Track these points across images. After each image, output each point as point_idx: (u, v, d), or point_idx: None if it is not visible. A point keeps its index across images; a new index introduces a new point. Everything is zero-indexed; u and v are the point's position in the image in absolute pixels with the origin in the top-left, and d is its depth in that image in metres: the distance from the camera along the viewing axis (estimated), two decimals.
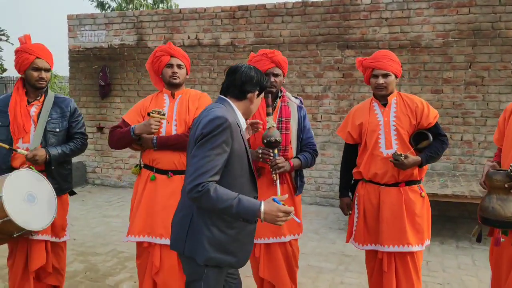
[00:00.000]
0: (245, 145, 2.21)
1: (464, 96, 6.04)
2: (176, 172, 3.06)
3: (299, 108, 3.18)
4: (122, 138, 3.10)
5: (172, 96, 3.18)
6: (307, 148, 3.17)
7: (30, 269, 3.11)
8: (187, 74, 3.21)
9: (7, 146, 3.01)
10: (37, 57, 3.06)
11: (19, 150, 2.99)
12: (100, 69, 7.73)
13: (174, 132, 3.08)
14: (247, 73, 2.24)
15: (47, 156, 3.03)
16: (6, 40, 9.29)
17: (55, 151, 3.07)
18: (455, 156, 6.11)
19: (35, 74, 3.07)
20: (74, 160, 7.85)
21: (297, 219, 2.24)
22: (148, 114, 3.02)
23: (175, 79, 3.10)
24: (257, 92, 2.28)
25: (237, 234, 2.17)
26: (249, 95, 2.26)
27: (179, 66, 3.12)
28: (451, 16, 6.00)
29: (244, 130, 2.28)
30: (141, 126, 3.01)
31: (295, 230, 3.15)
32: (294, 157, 3.09)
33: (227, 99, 2.26)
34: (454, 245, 4.98)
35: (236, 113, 2.24)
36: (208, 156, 2.02)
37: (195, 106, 3.14)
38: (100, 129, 7.87)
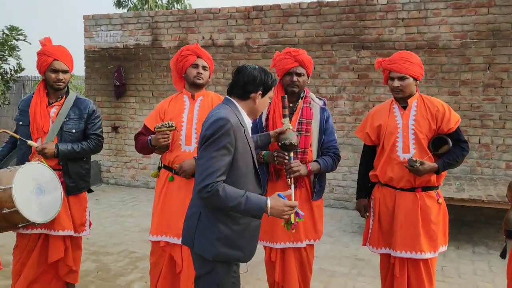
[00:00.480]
0: (249, 145, 2.25)
1: (482, 98, 5.92)
2: (194, 175, 3.03)
3: (322, 109, 3.09)
4: (144, 148, 3.16)
5: (193, 97, 3.15)
6: (328, 152, 3.06)
7: (48, 261, 3.24)
8: (209, 76, 3.19)
9: (17, 136, 3.14)
10: (55, 59, 3.14)
11: (28, 142, 3.10)
12: (115, 69, 7.78)
13: (194, 135, 3.05)
14: (250, 73, 2.26)
15: (56, 151, 3.11)
16: (24, 40, 9.40)
17: (64, 147, 3.16)
18: (472, 160, 5.99)
19: (53, 75, 3.15)
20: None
21: (300, 212, 2.31)
22: (155, 129, 3.00)
23: (199, 79, 3.09)
24: (260, 93, 2.29)
25: (243, 230, 2.23)
26: (252, 95, 2.28)
27: (204, 68, 3.11)
28: (469, 16, 5.89)
29: (249, 130, 2.32)
30: (154, 139, 3.02)
31: (312, 236, 3.08)
32: (313, 161, 3.01)
33: (232, 99, 2.30)
34: (470, 250, 4.88)
35: (240, 113, 2.27)
36: (214, 157, 2.09)
37: None
38: (115, 128, 7.92)
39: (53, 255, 3.23)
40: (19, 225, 2.93)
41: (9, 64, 9.36)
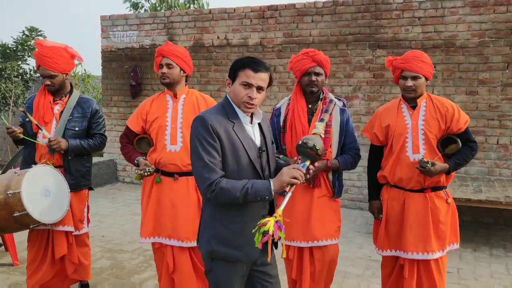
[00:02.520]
0: (240, 140, 2.15)
1: (501, 98, 5.81)
2: (182, 174, 3.07)
3: (342, 110, 3.05)
4: (129, 161, 3.18)
5: (175, 96, 3.13)
6: (349, 151, 3.06)
7: (55, 256, 3.32)
8: (184, 72, 3.11)
9: (34, 120, 3.22)
10: (40, 65, 3.21)
11: (43, 131, 3.18)
12: (131, 69, 7.85)
13: (179, 135, 3.05)
14: None
15: (67, 144, 3.20)
16: None
17: (73, 141, 3.24)
18: (490, 160, 5.89)
19: (44, 80, 3.24)
20: (105, 158, 8.03)
21: (300, 167, 2.12)
22: (136, 173, 3.02)
23: (164, 79, 3.06)
24: (228, 79, 2.22)
25: (241, 229, 2.16)
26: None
27: (168, 66, 3.04)
28: (487, 15, 5.78)
29: (243, 123, 2.20)
30: (139, 168, 3.02)
31: (327, 236, 3.03)
32: (334, 159, 2.99)
33: (227, 96, 2.24)
34: (488, 252, 4.79)
35: (233, 107, 2.20)
36: (202, 157, 2.07)
37: None
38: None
39: (58, 251, 3.31)
40: (31, 226, 3.04)
41: (28, 64, 9.53)
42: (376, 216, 3.13)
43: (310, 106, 3.04)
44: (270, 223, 1.98)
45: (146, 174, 2.96)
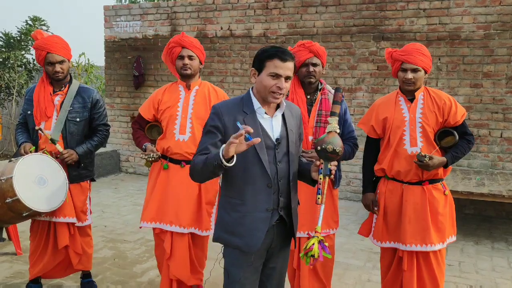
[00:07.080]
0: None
1: (505, 91, 5.77)
2: (189, 162, 3.07)
3: None
4: (138, 146, 3.27)
5: (188, 87, 3.19)
6: (347, 142, 3.08)
7: (58, 247, 3.34)
8: (201, 64, 3.21)
9: (49, 135, 3.19)
10: (48, 52, 3.16)
11: (57, 146, 3.19)
12: (134, 59, 7.84)
13: (188, 125, 3.10)
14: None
15: (77, 155, 3.24)
16: (46, 30, 9.54)
17: (81, 149, 3.27)
18: (493, 154, 5.86)
19: (50, 68, 3.20)
20: (108, 148, 8.05)
21: (240, 126, 1.99)
22: (141, 158, 3.13)
23: (185, 70, 3.12)
24: (253, 69, 2.18)
25: (241, 218, 2.19)
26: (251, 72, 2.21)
27: (190, 57, 3.12)
28: (493, 7, 5.73)
29: (258, 115, 2.19)
30: (145, 153, 3.12)
31: (331, 225, 3.08)
32: None
33: (250, 89, 2.27)
34: (490, 246, 4.79)
35: (251, 99, 2.21)
36: (200, 141, 2.23)
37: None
38: (134, 118, 7.99)
39: (61, 242, 3.32)
40: (24, 214, 3.00)
41: (32, 54, 9.52)
42: (371, 209, 3.09)
43: (309, 96, 3.07)
44: (315, 247, 2.10)
45: (150, 159, 3.05)
